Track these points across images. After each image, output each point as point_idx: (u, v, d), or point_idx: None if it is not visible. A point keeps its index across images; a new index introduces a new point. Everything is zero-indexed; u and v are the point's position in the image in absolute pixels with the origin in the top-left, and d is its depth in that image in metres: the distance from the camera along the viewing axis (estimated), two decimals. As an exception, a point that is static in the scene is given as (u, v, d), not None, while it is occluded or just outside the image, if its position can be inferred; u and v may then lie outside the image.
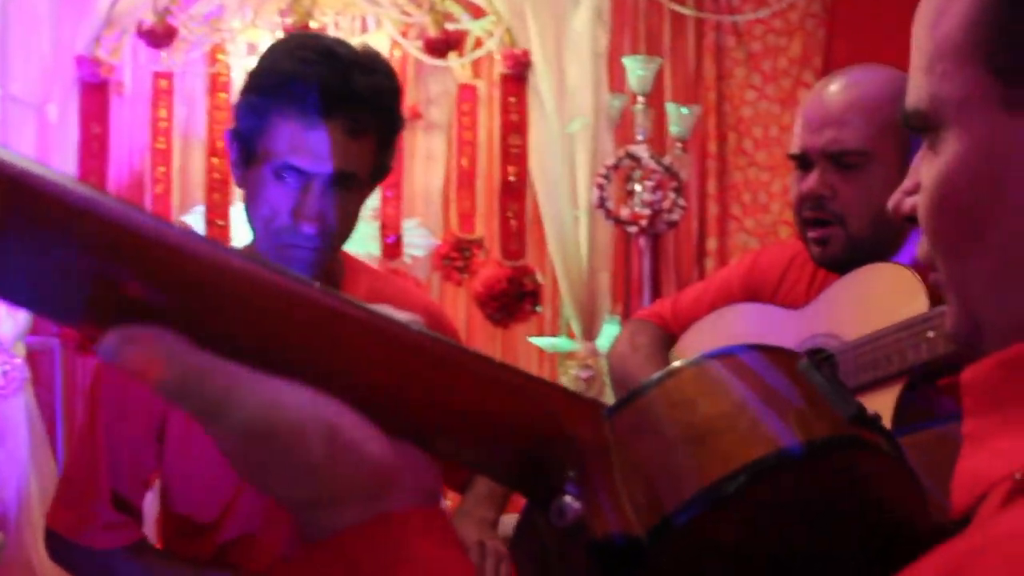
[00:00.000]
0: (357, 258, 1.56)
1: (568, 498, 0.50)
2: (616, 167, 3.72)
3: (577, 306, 3.90)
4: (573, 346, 4.03)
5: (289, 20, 3.72)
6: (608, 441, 0.52)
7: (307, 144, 1.28)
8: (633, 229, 3.72)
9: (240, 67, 3.98)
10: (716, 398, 0.54)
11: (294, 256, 1.33)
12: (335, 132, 1.28)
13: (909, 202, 0.61)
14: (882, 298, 1.41)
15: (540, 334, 4.37)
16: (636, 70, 3.83)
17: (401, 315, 0.49)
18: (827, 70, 4.43)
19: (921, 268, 1.37)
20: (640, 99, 3.84)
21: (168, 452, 1.42)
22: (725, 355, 0.57)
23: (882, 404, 1.33)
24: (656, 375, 0.56)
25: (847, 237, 1.47)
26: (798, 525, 0.55)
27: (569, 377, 3.98)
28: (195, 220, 4.12)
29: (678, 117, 3.97)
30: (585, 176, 3.86)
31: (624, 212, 3.72)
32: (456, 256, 4.15)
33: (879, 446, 0.55)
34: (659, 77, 4.11)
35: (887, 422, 1.30)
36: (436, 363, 0.48)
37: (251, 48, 4.03)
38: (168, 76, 4.03)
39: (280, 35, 3.72)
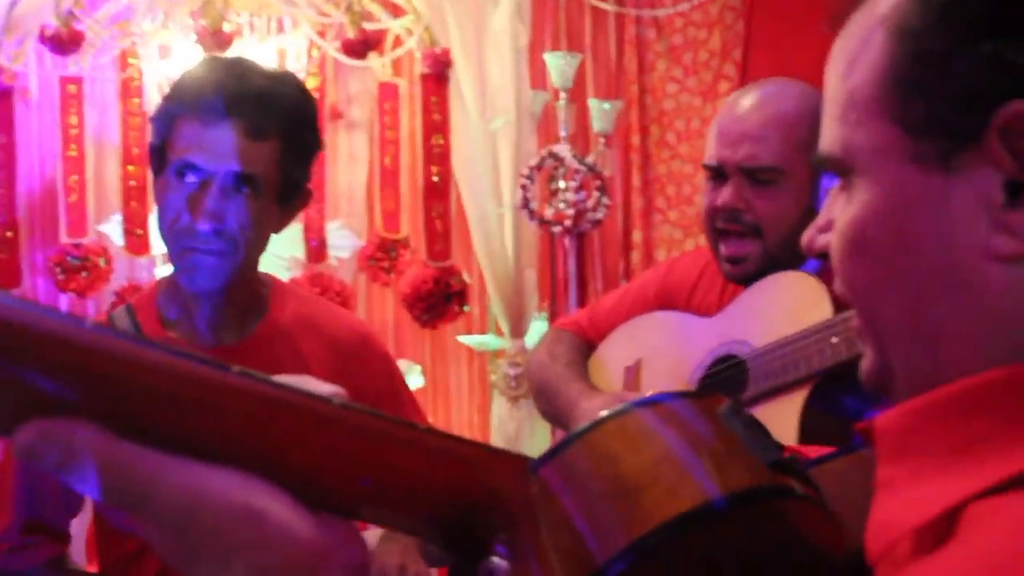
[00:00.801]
0: (284, 283, 1.55)
1: (496, 559, 0.50)
2: (539, 167, 3.72)
3: (505, 304, 3.90)
4: (502, 344, 4.03)
5: (202, 22, 3.64)
6: (534, 497, 0.53)
7: (205, 142, 1.30)
8: (557, 229, 3.72)
9: (152, 71, 3.88)
10: (640, 450, 0.55)
11: (197, 262, 1.32)
12: (234, 131, 1.30)
13: (822, 239, 0.62)
14: (789, 305, 1.45)
15: (469, 332, 4.37)
16: (557, 66, 3.83)
17: (324, 387, 0.50)
18: (747, 62, 4.49)
19: (826, 276, 1.41)
20: (562, 95, 3.84)
21: None
22: (649, 404, 0.57)
23: (789, 408, 1.38)
24: (581, 426, 0.56)
25: (764, 251, 1.51)
26: (725, 571, 0.56)
27: (499, 375, 3.98)
28: (113, 229, 4.02)
29: (600, 112, 3.98)
30: (509, 174, 3.86)
31: (548, 212, 3.73)
32: (382, 257, 4.12)
33: (797, 491, 0.56)
34: (581, 72, 4.11)
35: (794, 425, 1.36)
36: (358, 435, 0.48)
37: (163, 51, 3.93)
38: (77, 81, 3.92)
39: (193, 38, 3.64)
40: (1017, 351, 0.51)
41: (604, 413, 0.56)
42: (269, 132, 1.32)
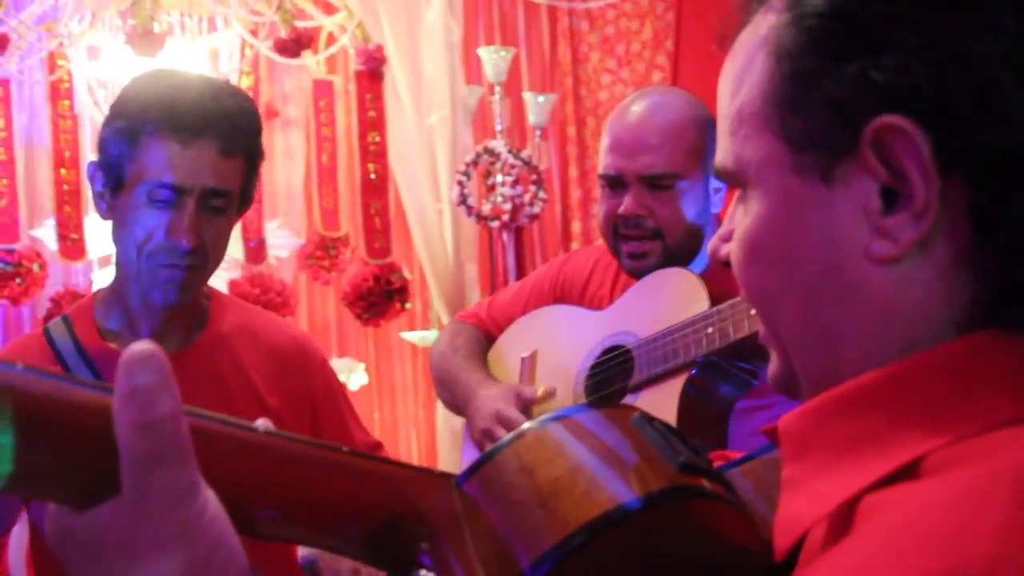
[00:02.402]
0: (223, 293, 1.57)
1: (423, 571, 0.53)
2: (475, 163, 3.73)
3: (446, 299, 3.91)
4: (445, 339, 4.04)
5: (132, 22, 3.59)
6: (458, 511, 0.55)
7: (181, 161, 1.31)
8: (495, 224, 3.75)
9: (82, 73, 3.82)
10: (556, 461, 0.57)
11: (174, 278, 1.34)
12: (209, 150, 1.32)
13: (724, 249, 0.65)
14: (672, 299, 1.57)
15: (412, 328, 4.37)
16: (491, 60, 3.85)
17: (258, 423, 0.52)
18: (678, 52, 4.54)
19: (707, 274, 1.55)
20: (497, 89, 3.86)
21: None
22: (563, 417, 0.60)
23: (671, 391, 1.50)
24: (502, 440, 0.59)
25: (664, 250, 1.63)
26: (644, 571, 0.58)
27: (443, 369, 3.99)
28: (46, 233, 3.96)
29: (536, 105, 4.01)
30: (446, 169, 3.87)
31: (486, 207, 3.75)
32: (322, 255, 4.11)
33: (709, 491, 0.59)
34: (515, 66, 4.13)
35: (674, 407, 1.47)
36: (282, 460, 0.51)
37: (92, 52, 3.87)
38: (4, 83, 3.84)
39: (122, 39, 3.59)
40: (904, 348, 0.54)
41: (525, 426, 0.60)
42: (238, 149, 1.35)
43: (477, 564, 0.54)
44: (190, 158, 1.31)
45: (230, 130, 1.33)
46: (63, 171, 3.87)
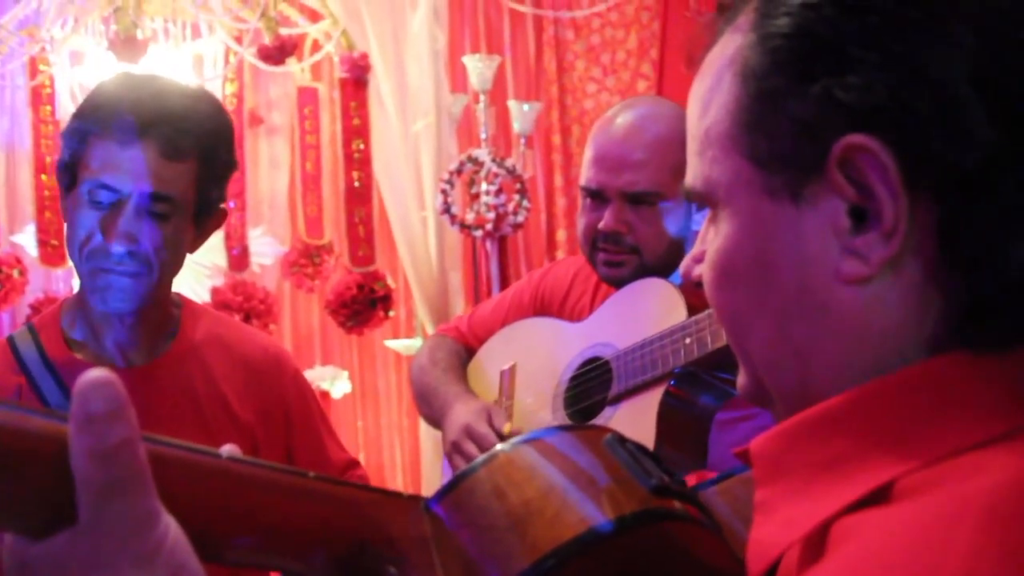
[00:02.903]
0: (195, 303, 1.53)
1: None
2: (459, 172, 3.73)
3: (430, 307, 3.90)
4: (429, 347, 4.03)
5: (114, 28, 3.57)
6: (427, 535, 0.55)
7: (119, 162, 1.28)
8: (479, 233, 3.74)
9: (64, 78, 3.80)
10: (526, 484, 0.57)
11: (110, 283, 1.30)
12: (149, 152, 1.28)
13: (697, 269, 0.65)
14: (649, 311, 1.55)
15: (396, 336, 4.36)
16: (477, 68, 3.84)
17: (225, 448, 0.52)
18: (663, 61, 4.55)
19: (685, 285, 1.52)
20: (482, 97, 3.85)
21: None
22: (533, 440, 0.60)
23: (650, 402, 1.48)
24: (474, 463, 0.58)
25: (640, 264, 1.62)
26: None
27: (427, 378, 3.98)
28: (26, 239, 3.93)
29: (521, 113, 4.00)
30: (430, 177, 3.86)
31: (469, 216, 3.74)
32: (305, 263, 4.09)
33: (681, 513, 0.59)
34: (500, 74, 4.13)
35: (652, 419, 1.45)
36: (246, 486, 0.50)
37: (75, 57, 3.85)
38: (-15, 89, 3.82)
39: (105, 44, 3.57)
40: (875, 367, 0.54)
41: (496, 448, 0.59)
42: (185, 153, 1.30)
43: None
44: (128, 159, 1.27)
45: (173, 133, 1.29)
46: (44, 177, 3.84)
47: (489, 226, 3.67)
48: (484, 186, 3.71)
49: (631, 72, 4.64)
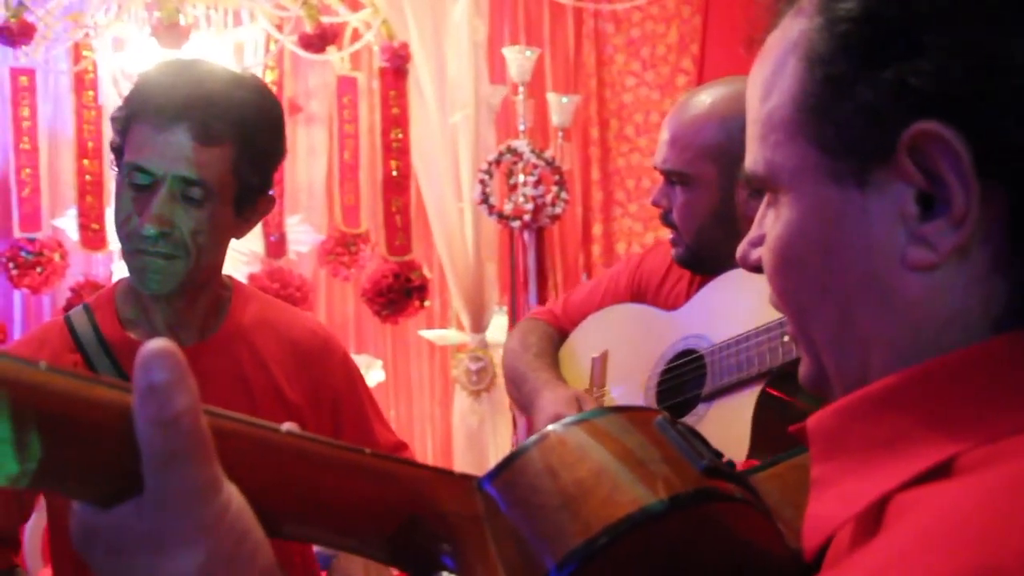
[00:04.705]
0: (246, 286, 1.54)
1: (444, 573, 0.53)
2: (497, 162, 3.73)
3: (465, 298, 3.91)
4: (463, 338, 4.04)
5: (157, 14, 3.60)
6: (480, 512, 0.56)
7: (154, 145, 1.28)
8: (516, 224, 3.73)
9: (107, 64, 3.83)
10: (581, 463, 0.57)
11: (145, 264, 1.31)
12: (183, 136, 1.28)
13: (755, 254, 0.64)
14: (744, 302, 1.50)
15: (430, 327, 4.37)
16: (516, 60, 3.84)
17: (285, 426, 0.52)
18: (704, 56, 4.52)
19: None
20: (521, 89, 3.85)
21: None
22: (585, 420, 0.60)
23: (745, 403, 1.43)
24: (525, 442, 0.59)
25: (685, 246, 1.60)
26: (666, 573, 0.58)
27: (460, 369, 3.99)
28: (68, 223, 3.98)
29: (559, 106, 4.00)
30: (468, 168, 3.86)
31: (507, 207, 3.74)
32: (342, 251, 4.11)
33: (732, 494, 0.59)
34: (539, 66, 4.13)
35: (747, 421, 1.41)
36: (304, 461, 0.51)
37: (117, 43, 3.89)
38: (29, 73, 3.86)
39: (148, 31, 3.60)
40: (938, 352, 0.53)
41: (548, 428, 0.59)
42: (220, 137, 1.30)
43: (499, 565, 0.54)
44: (162, 142, 1.28)
45: (207, 118, 1.28)
46: (86, 162, 3.89)
47: (527, 217, 3.67)
48: (523, 177, 3.71)
49: (671, 67, 4.62)
